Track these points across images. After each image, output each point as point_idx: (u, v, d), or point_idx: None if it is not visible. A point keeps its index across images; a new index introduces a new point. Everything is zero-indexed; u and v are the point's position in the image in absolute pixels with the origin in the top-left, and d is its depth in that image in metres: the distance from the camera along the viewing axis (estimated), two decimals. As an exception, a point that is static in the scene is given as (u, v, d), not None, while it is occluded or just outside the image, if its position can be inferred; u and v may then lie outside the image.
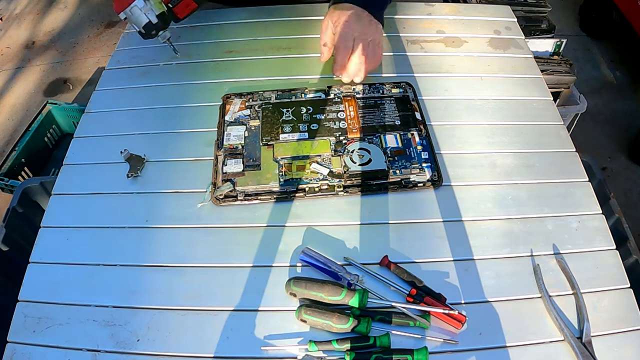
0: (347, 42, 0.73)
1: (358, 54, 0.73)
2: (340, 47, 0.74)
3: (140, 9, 0.70)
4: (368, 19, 0.74)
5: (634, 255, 0.74)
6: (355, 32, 0.73)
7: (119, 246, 0.62)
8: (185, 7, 0.75)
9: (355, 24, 0.73)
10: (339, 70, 0.76)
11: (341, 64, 0.75)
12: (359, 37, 0.73)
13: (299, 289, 0.55)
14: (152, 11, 0.71)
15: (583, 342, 0.52)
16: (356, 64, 0.74)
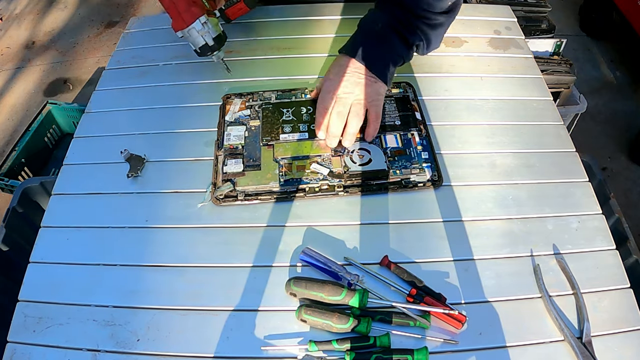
0: (324, 101, 0.68)
1: (335, 114, 0.67)
2: (319, 106, 0.68)
3: (198, 32, 0.71)
4: (358, 75, 0.67)
5: (634, 255, 0.74)
6: (336, 90, 0.67)
7: (119, 246, 0.62)
8: (238, 11, 0.78)
9: (339, 79, 0.67)
10: (317, 130, 0.69)
11: (318, 123, 0.68)
12: (339, 96, 0.67)
13: (299, 289, 0.55)
14: (209, 34, 0.72)
15: (583, 342, 0.52)
16: (335, 124, 0.67)
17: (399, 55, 0.70)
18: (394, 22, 0.68)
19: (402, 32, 0.68)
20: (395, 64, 0.70)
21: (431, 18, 0.67)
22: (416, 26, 0.68)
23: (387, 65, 0.68)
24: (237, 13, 0.79)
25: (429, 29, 0.69)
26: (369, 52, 0.67)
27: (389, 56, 0.69)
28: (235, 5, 0.78)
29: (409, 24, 0.68)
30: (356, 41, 0.69)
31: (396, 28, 0.68)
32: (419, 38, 0.69)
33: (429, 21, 0.68)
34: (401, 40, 0.69)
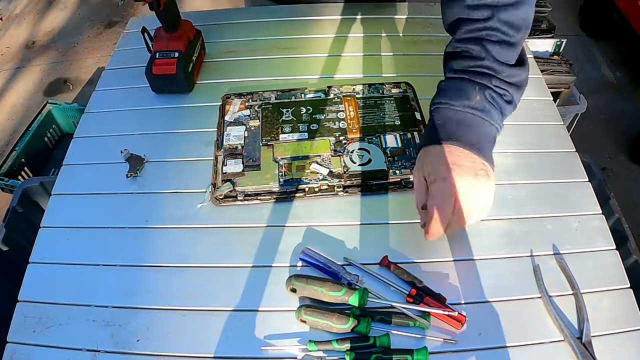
0: (443, 208, 0.54)
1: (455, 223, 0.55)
2: (437, 213, 0.54)
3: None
4: (479, 168, 0.54)
5: (634, 255, 0.74)
6: (456, 195, 0.54)
7: (118, 246, 0.62)
8: None
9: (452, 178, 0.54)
10: (431, 233, 0.56)
11: (433, 231, 0.55)
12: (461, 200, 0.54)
13: (299, 284, 0.55)
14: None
15: (583, 342, 0.52)
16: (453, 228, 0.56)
17: (497, 130, 0.57)
18: (485, 91, 0.56)
19: (497, 102, 0.56)
20: (494, 141, 0.58)
21: (517, 75, 0.56)
22: (506, 92, 0.56)
23: (492, 142, 0.57)
24: None
25: (516, 90, 0.57)
26: (472, 134, 0.55)
27: (492, 132, 0.57)
28: None
29: (500, 90, 0.56)
30: (452, 126, 0.56)
31: (491, 100, 0.56)
32: (508, 103, 0.57)
33: (515, 78, 0.56)
34: (498, 112, 0.56)
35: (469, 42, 0.57)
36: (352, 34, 0.90)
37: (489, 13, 0.55)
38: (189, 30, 0.79)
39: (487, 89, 0.56)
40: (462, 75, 0.57)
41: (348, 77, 0.82)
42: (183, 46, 0.76)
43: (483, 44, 0.56)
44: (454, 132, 0.55)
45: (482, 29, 0.56)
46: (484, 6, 0.56)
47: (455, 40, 0.59)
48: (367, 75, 0.82)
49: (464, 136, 0.55)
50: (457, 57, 0.59)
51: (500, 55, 0.55)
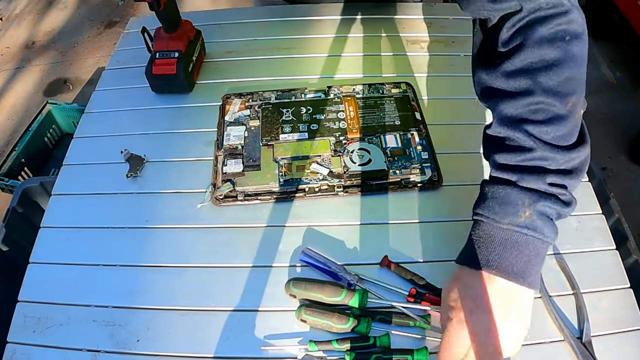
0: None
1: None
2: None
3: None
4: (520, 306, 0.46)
5: (634, 255, 0.73)
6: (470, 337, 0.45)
7: (118, 246, 0.62)
8: None
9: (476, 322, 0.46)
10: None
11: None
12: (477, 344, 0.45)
13: (298, 290, 0.55)
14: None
15: (583, 342, 0.52)
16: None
17: (552, 240, 0.48)
18: (538, 200, 0.46)
19: (549, 213, 0.47)
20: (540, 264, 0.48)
21: (575, 159, 0.47)
22: (563, 188, 0.46)
23: (538, 265, 0.47)
24: None
25: (576, 179, 0.47)
26: (517, 259, 0.46)
27: (542, 250, 0.47)
28: None
29: (555, 191, 0.46)
30: (495, 247, 0.47)
31: (544, 211, 0.46)
32: (566, 205, 0.47)
33: (572, 163, 0.47)
34: (553, 224, 0.47)
35: (510, 126, 0.47)
36: (352, 34, 0.90)
37: (530, 82, 0.46)
38: (189, 30, 0.79)
39: (540, 198, 0.46)
40: (510, 177, 0.47)
41: (348, 77, 0.82)
42: (183, 46, 0.76)
43: (526, 129, 0.46)
44: (496, 256, 0.46)
45: (524, 105, 0.46)
46: (522, 72, 0.46)
47: (496, 121, 0.49)
48: (367, 75, 0.82)
49: (506, 262, 0.46)
50: (501, 148, 0.48)
51: (552, 135, 0.45)
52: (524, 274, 0.46)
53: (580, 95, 0.47)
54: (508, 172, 0.47)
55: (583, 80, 0.47)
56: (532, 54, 0.46)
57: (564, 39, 0.45)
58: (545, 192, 0.46)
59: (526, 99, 0.46)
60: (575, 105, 0.46)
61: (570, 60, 0.45)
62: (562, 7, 0.46)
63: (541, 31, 0.45)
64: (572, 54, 0.45)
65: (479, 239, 0.48)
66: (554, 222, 0.47)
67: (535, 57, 0.46)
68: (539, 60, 0.46)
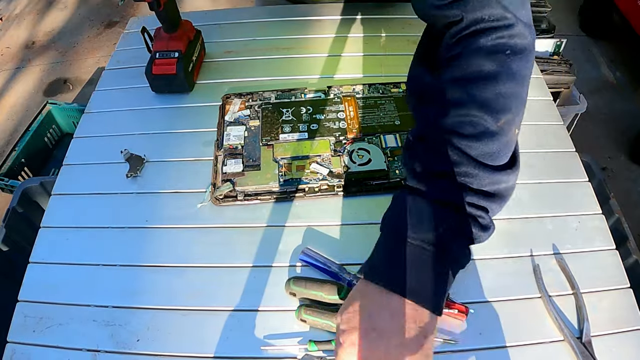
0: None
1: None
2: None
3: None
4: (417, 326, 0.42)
5: (634, 255, 0.74)
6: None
7: (118, 246, 0.62)
8: None
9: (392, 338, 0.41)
10: None
11: None
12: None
13: (298, 288, 0.55)
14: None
15: (583, 342, 0.52)
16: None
17: (461, 267, 0.45)
18: (453, 217, 0.43)
19: (466, 231, 0.44)
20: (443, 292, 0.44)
21: (502, 181, 0.44)
22: (481, 206, 0.44)
23: (439, 295, 0.43)
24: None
25: (499, 201, 0.44)
26: (421, 279, 0.43)
27: (450, 274, 0.44)
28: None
29: (473, 210, 0.43)
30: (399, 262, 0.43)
31: (459, 228, 0.43)
32: (483, 229, 0.44)
33: (498, 186, 0.44)
34: (466, 243, 0.45)
35: (436, 135, 0.44)
36: (352, 34, 0.90)
37: (463, 93, 0.43)
38: (189, 30, 0.79)
39: (456, 217, 0.42)
40: (423, 188, 0.44)
41: (348, 77, 0.82)
42: (183, 46, 0.76)
43: (452, 141, 0.43)
44: (400, 274, 0.42)
45: (454, 116, 0.43)
46: (457, 82, 0.44)
47: (421, 125, 0.46)
48: (367, 75, 0.82)
49: (410, 281, 0.42)
50: (422, 155, 0.45)
51: (478, 150, 0.42)
52: (424, 295, 0.42)
53: (516, 115, 0.44)
54: (425, 184, 0.44)
55: (521, 100, 0.44)
56: (470, 65, 0.44)
57: (504, 52, 0.43)
58: (462, 211, 0.42)
59: (457, 110, 0.43)
60: (508, 124, 0.43)
61: (508, 76, 0.43)
62: (506, 20, 0.44)
63: (481, 42, 0.43)
64: (511, 69, 0.43)
65: (384, 251, 0.45)
66: (467, 245, 0.44)
67: (472, 68, 0.44)
68: (475, 71, 0.43)
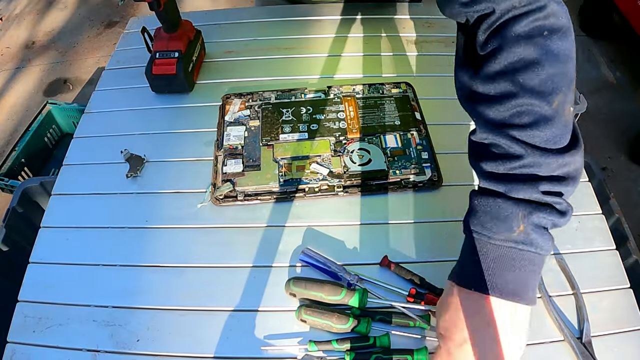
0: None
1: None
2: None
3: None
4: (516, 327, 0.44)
5: (634, 255, 0.73)
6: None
7: (118, 246, 0.62)
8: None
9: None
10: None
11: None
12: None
13: (298, 289, 0.55)
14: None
15: (583, 342, 0.52)
16: None
17: (548, 253, 0.45)
18: (531, 211, 0.43)
19: (543, 224, 0.43)
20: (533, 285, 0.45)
21: (570, 164, 0.43)
22: (556, 193, 0.43)
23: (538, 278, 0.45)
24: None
25: (572, 185, 0.44)
26: (513, 278, 0.44)
27: (539, 264, 0.45)
28: None
29: (548, 201, 0.43)
30: (489, 265, 0.44)
31: (538, 223, 0.43)
32: (562, 214, 0.44)
33: (567, 169, 0.43)
34: (547, 235, 0.44)
35: (494, 132, 0.44)
36: (352, 34, 0.90)
37: (510, 85, 0.43)
38: (189, 30, 0.79)
39: (534, 209, 0.42)
40: (499, 189, 0.44)
41: (348, 77, 0.82)
42: (183, 46, 0.76)
43: (512, 134, 0.43)
44: (490, 275, 0.44)
45: (507, 109, 0.43)
46: (502, 75, 0.43)
47: (479, 127, 0.46)
48: (367, 75, 0.82)
49: (501, 281, 0.43)
50: (488, 155, 0.45)
51: (540, 138, 0.42)
52: (520, 292, 0.43)
53: (567, 94, 0.43)
54: (497, 183, 0.44)
55: (569, 78, 0.43)
56: (511, 54, 0.43)
57: (542, 34, 0.42)
58: (539, 202, 0.43)
59: (509, 102, 0.43)
60: (562, 105, 0.43)
61: (551, 57, 0.42)
62: (537, 2, 0.43)
63: (517, 30, 0.43)
64: (553, 50, 0.42)
65: (470, 256, 0.45)
66: (549, 233, 0.44)
67: (513, 57, 0.43)
68: (517, 60, 0.43)
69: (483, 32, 0.45)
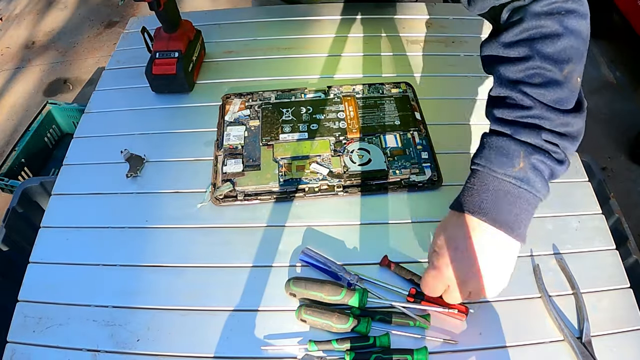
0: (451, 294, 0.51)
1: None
2: (438, 284, 0.51)
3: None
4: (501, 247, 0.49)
5: (634, 255, 0.73)
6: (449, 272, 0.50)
7: (118, 246, 0.62)
8: None
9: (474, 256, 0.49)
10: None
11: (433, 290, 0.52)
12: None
13: (298, 289, 0.55)
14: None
15: (583, 342, 0.52)
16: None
17: (540, 201, 0.50)
18: (532, 153, 0.48)
19: (542, 168, 0.49)
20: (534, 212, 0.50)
21: (571, 124, 0.49)
22: (557, 148, 0.49)
23: (529, 222, 0.50)
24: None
25: (573, 143, 0.49)
26: (508, 210, 0.48)
27: (533, 204, 0.49)
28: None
29: (550, 149, 0.48)
30: (488, 196, 0.49)
31: (537, 165, 0.48)
32: (561, 163, 0.49)
33: (569, 128, 0.49)
34: (544, 179, 0.49)
35: (509, 87, 0.50)
36: (352, 34, 0.90)
37: (527, 50, 0.49)
38: (189, 30, 0.79)
39: (534, 151, 0.48)
40: (506, 131, 0.49)
41: (348, 77, 0.82)
42: (183, 46, 0.76)
43: (524, 90, 0.49)
44: (487, 204, 0.49)
45: (523, 70, 0.49)
46: (521, 42, 0.50)
47: (496, 84, 0.52)
48: (367, 75, 0.82)
49: (496, 210, 0.48)
50: (501, 105, 0.51)
51: (548, 97, 0.48)
52: (512, 225, 0.48)
53: (577, 65, 0.49)
54: (505, 126, 0.50)
55: (581, 52, 0.50)
56: (530, 26, 0.49)
57: (560, 13, 0.49)
58: (539, 147, 0.48)
59: (524, 64, 0.49)
60: (571, 73, 0.49)
61: (568, 32, 0.48)
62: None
63: (537, 9, 0.49)
64: (569, 26, 0.49)
65: (472, 187, 0.50)
66: (546, 179, 0.49)
67: (533, 29, 0.49)
68: (536, 31, 0.49)
69: (506, 12, 0.52)
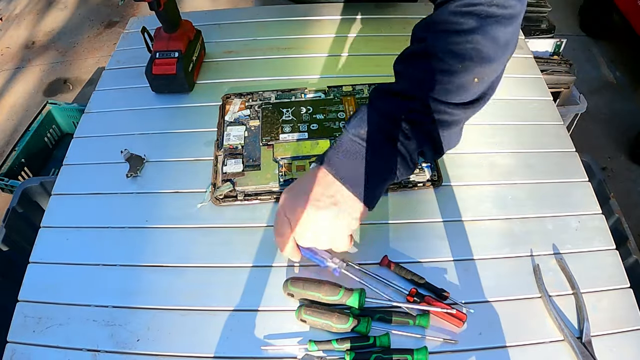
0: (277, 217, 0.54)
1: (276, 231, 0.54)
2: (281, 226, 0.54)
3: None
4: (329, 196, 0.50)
5: (634, 255, 0.74)
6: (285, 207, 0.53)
7: (118, 246, 0.62)
8: None
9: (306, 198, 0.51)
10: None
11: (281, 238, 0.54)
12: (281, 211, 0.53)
13: (296, 289, 0.55)
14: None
15: (583, 342, 0.52)
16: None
17: (390, 171, 0.52)
18: (385, 123, 0.51)
19: (396, 138, 0.50)
20: (385, 182, 0.52)
21: (444, 112, 0.49)
22: (418, 128, 0.50)
23: (373, 185, 0.51)
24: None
25: (439, 129, 0.50)
26: (349, 168, 0.51)
27: (376, 175, 0.51)
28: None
29: (408, 126, 0.50)
30: (336, 151, 0.52)
31: (388, 133, 0.50)
32: (421, 143, 0.51)
33: (441, 116, 0.50)
34: (394, 150, 0.51)
35: (404, 64, 0.52)
36: (352, 34, 0.90)
37: (426, 34, 0.50)
38: (189, 30, 0.79)
39: (390, 123, 0.50)
40: (373, 99, 0.52)
41: (348, 77, 0.82)
42: (183, 46, 0.76)
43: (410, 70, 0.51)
44: (337, 159, 0.51)
45: (424, 55, 0.50)
46: (425, 26, 0.51)
47: (404, 54, 0.53)
48: (367, 75, 0.82)
49: (341, 165, 0.51)
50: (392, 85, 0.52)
51: (432, 84, 0.48)
52: (355, 183, 0.50)
53: (477, 65, 0.48)
54: (373, 93, 0.53)
55: (485, 55, 0.48)
56: (441, 22, 0.49)
57: (479, 15, 0.48)
58: (397, 122, 0.50)
59: (427, 50, 0.49)
60: (466, 69, 0.48)
61: (478, 32, 0.47)
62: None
63: (452, 7, 0.49)
64: (484, 28, 0.48)
65: (333, 144, 0.53)
66: (397, 155, 0.50)
67: (443, 25, 0.49)
68: (447, 26, 0.49)
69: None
